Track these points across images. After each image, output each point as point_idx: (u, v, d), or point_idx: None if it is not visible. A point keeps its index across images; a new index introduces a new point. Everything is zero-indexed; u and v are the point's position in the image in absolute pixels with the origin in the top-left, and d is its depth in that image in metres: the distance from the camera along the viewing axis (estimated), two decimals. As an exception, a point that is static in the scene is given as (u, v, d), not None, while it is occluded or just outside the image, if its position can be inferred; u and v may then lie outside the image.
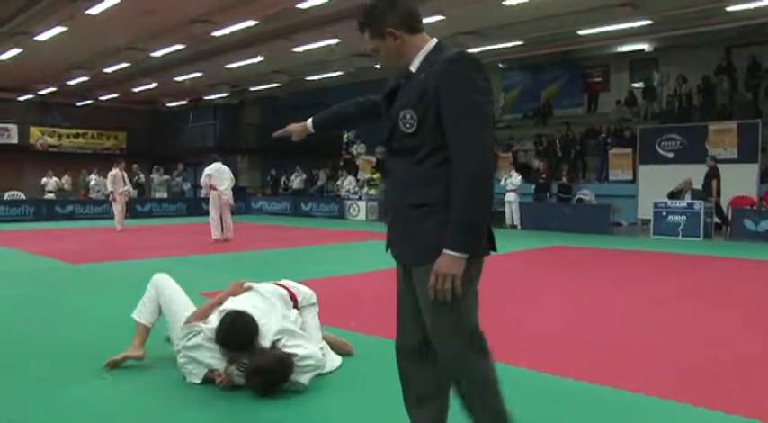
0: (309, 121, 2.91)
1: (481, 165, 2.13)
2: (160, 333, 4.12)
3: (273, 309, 3.75)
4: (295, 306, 4.01)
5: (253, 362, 3.38)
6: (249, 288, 3.99)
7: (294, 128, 2.97)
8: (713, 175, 14.35)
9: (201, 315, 3.71)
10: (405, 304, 2.47)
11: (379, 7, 2.31)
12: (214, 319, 3.60)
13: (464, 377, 2.29)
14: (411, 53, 2.31)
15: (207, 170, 12.63)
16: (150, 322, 3.95)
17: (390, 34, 2.28)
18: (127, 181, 15.34)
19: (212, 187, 12.43)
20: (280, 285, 4.09)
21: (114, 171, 14.98)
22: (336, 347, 4.16)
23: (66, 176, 23.61)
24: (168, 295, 3.92)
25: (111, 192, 14.98)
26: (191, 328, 3.62)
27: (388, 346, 4.51)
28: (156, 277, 4.08)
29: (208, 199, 12.92)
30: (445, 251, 2.12)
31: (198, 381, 3.55)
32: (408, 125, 2.22)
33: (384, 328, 5.01)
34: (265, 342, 3.51)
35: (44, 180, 22.82)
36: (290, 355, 3.44)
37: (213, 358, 3.54)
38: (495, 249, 2.33)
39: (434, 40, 2.32)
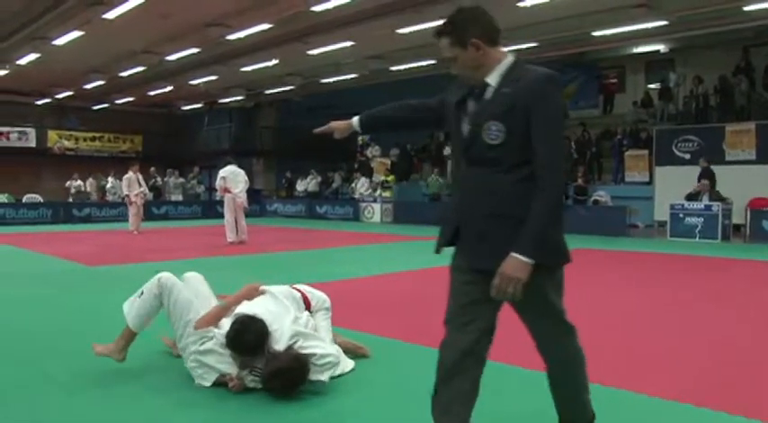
0: (355, 119, 2.91)
1: (561, 180, 2.31)
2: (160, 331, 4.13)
3: (287, 312, 3.73)
4: (308, 309, 4.01)
5: (270, 365, 3.37)
6: (263, 292, 3.96)
7: (337, 125, 2.94)
8: (706, 176, 14.27)
9: (212, 320, 3.66)
10: (475, 308, 2.43)
11: (465, 17, 2.40)
12: (226, 324, 3.59)
13: (572, 358, 2.53)
14: (489, 65, 2.39)
15: (221, 173, 12.71)
16: (138, 329, 3.84)
17: (473, 45, 2.36)
18: (142, 183, 15.44)
19: (227, 190, 12.48)
20: (294, 288, 4.10)
21: (129, 174, 15.13)
22: (351, 351, 4.14)
23: (90, 179, 23.92)
24: (175, 297, 3.78)
25: (127, 195, 15.11)
26: (203, 334, 3.59)
27: (402, 348, 4.52)
28: (164, 278, 3.90)
29: (220, 201, 12.99)
30: (514, 254, 2.22)
31: (208, 384, 3.53)
32: (494, 136, 2.31)
33: (396, 329, 5.02)
34: (279, 346, 3.49)
35: (68, 183, 23.19)
36: (306, 355, 3.45)
37: (225, 363, 3.52)
38: (569, 260, 2.45)
39: (512, 56, 2.41)
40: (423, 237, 14.65)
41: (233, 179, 12.60)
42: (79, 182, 23.54)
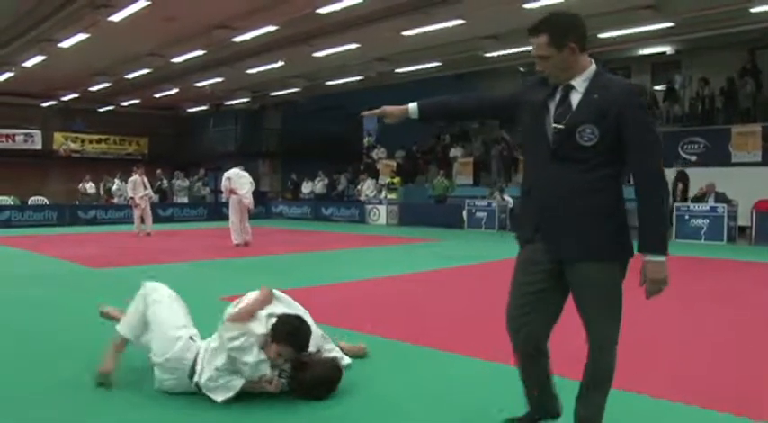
0: (414, 105, 2.98)
1: (666, 184, 2.58)
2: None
3: (305, 314, 3.78)
4: None
5: (312, 373, 3.40)
6: (275, 296, 3.87)
7: (390, 110, 2.99)
8: (679, 178, 14.27)
9: (246, 317, 3.51)
10: (543, 299, 2.66)
11: (567, 21, 2.59)
12: (260, 327, 3.46)
13: (606, 350, 2.63)
14: (577, 69, 2.57)
15: (227, 174, 12.72)
16: (133, 336, 3.68)
17: (570, 48, 2.54)
18: (147, 186, 15.44)
19: (233, 191, 12.49)
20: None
21: (134, 176, 15.15)
22: (352, 353, 4.13)
23: (90, 183, 24.01)
24: (154, 310, 3.62)
25: (132, 197, 15.14)
26: (240, 332, 3.35)
27: (407, 349, 4.52)
28: (148, 288, 3.77)
29: (225, 203, 12.97)
30: (652, 258, 2.50)
31: (232, 393, 3.33)
32: (587, 138, 2.51)
33: (400, 330, 5.01)
34: (311, 348, 3.56)
35: (81, 185, 23.39)
36: (337, 360, 3.62)
37: (264, 363, 3.37)
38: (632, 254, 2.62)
39: (594, 63, 2.61)
40: (428, 239, 14.65)
41: (238, 181, 12.59)
42: (91, 184, 23.70)
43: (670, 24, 14.83)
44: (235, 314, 3.54)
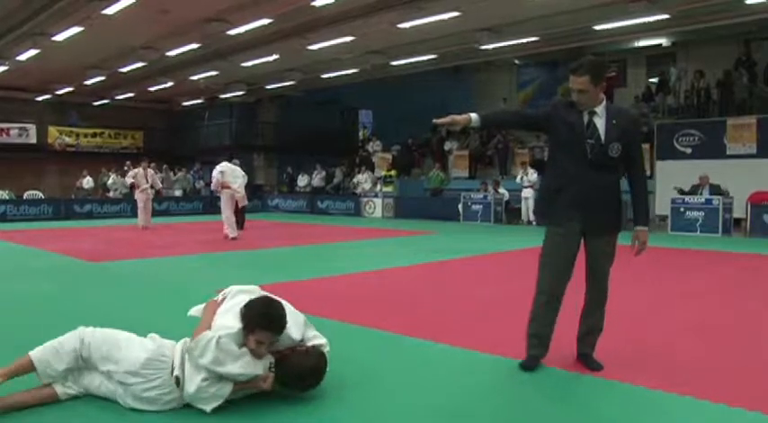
0: (475, 115, 3.77)
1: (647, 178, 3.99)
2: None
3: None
4: None
5: (297, 363, 3.25)
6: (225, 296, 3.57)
7: (459, 119, 3.75)
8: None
9: (205, 328, 3.26)
10: (572, 257, 3.82)
11: (603, 68, 3.80)
12: (231, 321, 3.22)
13: (605, 293, 3.91)
14: (598, 100, 3.74)
15: (219, 167, 12.58)
16: (48, 378, 3.24)
17: (600, 86, 3.70)
18: (151, 179, 15.30)
19: (225, 185, 12.42)
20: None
21: (138, 169, 15.11)
22: None
23: (88, 177, 23.98)
24: (106, 351, 3.25)
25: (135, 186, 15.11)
26: (205, 339, 3.09)
27: (403, 341, 4.53)
28: (83, 334, 3.33)
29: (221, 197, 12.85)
30: (643, 227, 3.87)
31: (221, 401, 3.13)
32: (614, 151, 3.71)
33: (397, 323, 5.02)
34: (295, 334, 3.32)
35: (79, 181, 23.41)
36: (318, 346, 3.42)
37: (247, 363, 3.16)
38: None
39: (604, 97, 3.79)
40: (424, 231, 14.67)
41: (231, 174, 12.53)
42: (89, 178, 23.69)
43: (665, 16, 14.81)
44: (195, 332, 3.22)
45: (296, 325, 3.34)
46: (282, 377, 3.26)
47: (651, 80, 20.81)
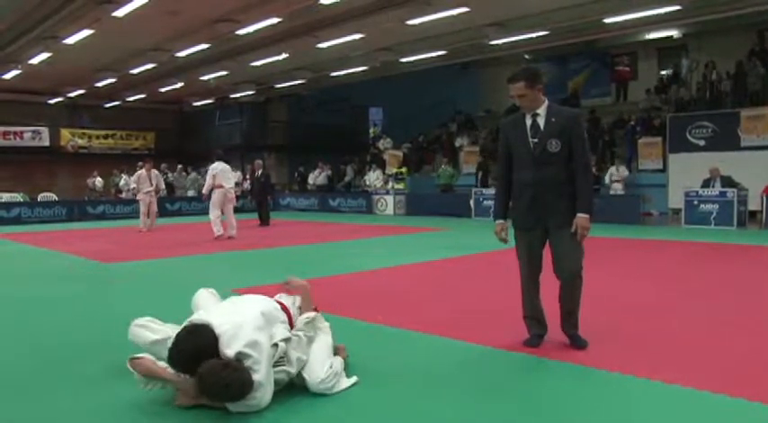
0: (499, 221, 4.35)
1: (591, 170, 4.24)
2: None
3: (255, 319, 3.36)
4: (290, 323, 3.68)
5: (206, 371, 3.04)
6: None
7: (502, 234, 4.31)
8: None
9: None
10: (539, 255, 4.22)
11: (536, 73, 4.19)
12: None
13: (578, 276, 4.15)
14: (539, 102, 4.14)
15: (211, 170, 12.81)
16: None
17: (539, 89, 4.12)
18: (155, 180, 15.35)
19: (219, 185, 12.61)
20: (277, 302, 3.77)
21: (140, 171, 15.08)
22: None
23: (99, 178, 24.12)
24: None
25: (136, 190, 15.07)
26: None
27: (414, 338, 4.52)
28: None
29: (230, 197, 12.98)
30: (582, 215, 4.01)
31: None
32: (554, 146, 4.06)
33: (411, 320, 5.01)
34: (231, 351, 3.14)
35: (89, 180, 23.54)
36: (241, 384, 3.04)
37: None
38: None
39: (546, 99, 4.18)
40: (436, 228, 14.65)
41: (223, 175, 12.72)
42: (99, 178, 23.89)
43: (676, 8, 14.67)
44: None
45: (235, 339, 3.16)
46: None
47: (663, 72, 20.66)
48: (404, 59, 20.46)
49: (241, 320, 3.25)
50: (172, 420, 3.12)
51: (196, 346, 3.10)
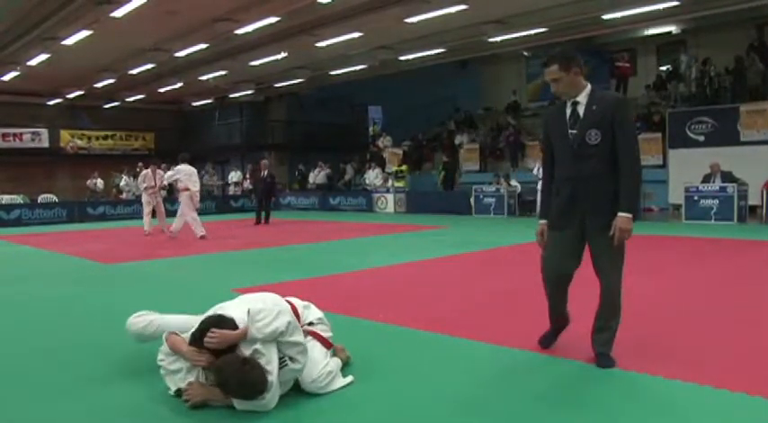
0: (542, 221, 3.98)
1: (639, 165, 3.73)
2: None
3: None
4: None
5: (222, 365, 3.12)
6: None
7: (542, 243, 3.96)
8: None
9: None
10: (571, 256, 3.77)
11: (571, 55, 3.72)
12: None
13: (615, 292, 3.75)
14: (579, 88, 3.70)
15: (176, 173, 12.84)
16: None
17: (575, 73, 3.67)
18: (157, 181, 14.99)
19: (185, 188, 12.67)
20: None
21: (145, 171, 14.97)
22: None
23: (100, 179, 24.13)
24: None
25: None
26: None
27: (417, 335, 4.52)
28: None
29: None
30: (622, 214, 3.57)
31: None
32: (593, 138, 3.63)
33: (413, 318, 5.02)
34: (244, 348, 3.19)
35: (89, 181, 23.53)
36: (259, 382, 3.08)
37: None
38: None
39: (588, 85, 3.71)
40: (437, 226, 14.65)
41: (190, 178, 12.74)
42: (99, 179, 23.91)
43: (675, 3, 14.66)
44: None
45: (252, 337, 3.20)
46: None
47: (662, 68, 20.65)
48: (403, 58, 20.45)
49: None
50: (172, 420, 3.13)
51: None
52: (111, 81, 23.28)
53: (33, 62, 19.23)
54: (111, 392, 3.48)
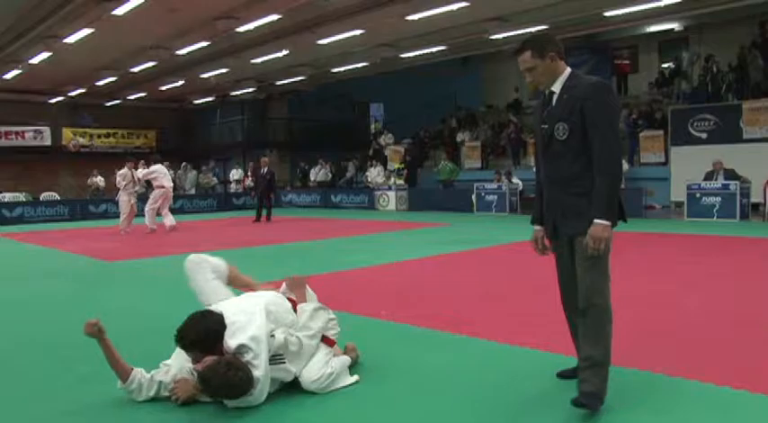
0: (536, 227, 3.42)
1: (615, 163, 3.08)
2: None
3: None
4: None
5: (208, 368, 3.11)
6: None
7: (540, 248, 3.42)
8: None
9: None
10: (570, 273, 3.16)
11: (549, 39, 3.15)
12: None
13: (594, 306, 2.99)
14: (556, 74, 3.10)
15: (152, 172, 13.99)
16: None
17: (552, 57, 3.09)
18: (137, 180, 14.36)
19: (160, 185, 13.83)
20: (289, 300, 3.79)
21: (123, 170, 14.18)
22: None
23: (100, 177, 24.14)
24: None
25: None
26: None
27: (420, 334, 4.52)
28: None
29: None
30: (597, 222, 2.94)
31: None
32: (561, 133, 3.05)
33: (415, 315, 5.01)
34: (234, 342, 3.20)
35: (90, 179, 23.56)
36: (245, 382, 3.09)
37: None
38: (625, 220, 3.19)
39: (569, 68, 3.14)
40: (438, 223, 14.64)
41: (165, 177, 13.94)
42: (100, 177, 23.92)
43: (677, 0, 14.63)
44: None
45: (241, 331, 3.22)
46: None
47: (664, 66, 20.61)
48: (404, 55, 20.44)
49: (250, 316, 3.31)
50: (167, 417, 3.13)
51: (205, 328, 3.22)
52: (113, 79, 23.29)
53: (35, 60, 19.24)
54: (111, 392, 3.47)
